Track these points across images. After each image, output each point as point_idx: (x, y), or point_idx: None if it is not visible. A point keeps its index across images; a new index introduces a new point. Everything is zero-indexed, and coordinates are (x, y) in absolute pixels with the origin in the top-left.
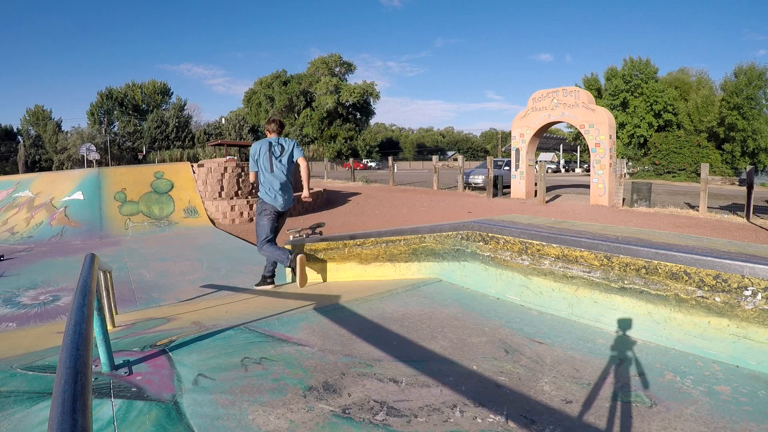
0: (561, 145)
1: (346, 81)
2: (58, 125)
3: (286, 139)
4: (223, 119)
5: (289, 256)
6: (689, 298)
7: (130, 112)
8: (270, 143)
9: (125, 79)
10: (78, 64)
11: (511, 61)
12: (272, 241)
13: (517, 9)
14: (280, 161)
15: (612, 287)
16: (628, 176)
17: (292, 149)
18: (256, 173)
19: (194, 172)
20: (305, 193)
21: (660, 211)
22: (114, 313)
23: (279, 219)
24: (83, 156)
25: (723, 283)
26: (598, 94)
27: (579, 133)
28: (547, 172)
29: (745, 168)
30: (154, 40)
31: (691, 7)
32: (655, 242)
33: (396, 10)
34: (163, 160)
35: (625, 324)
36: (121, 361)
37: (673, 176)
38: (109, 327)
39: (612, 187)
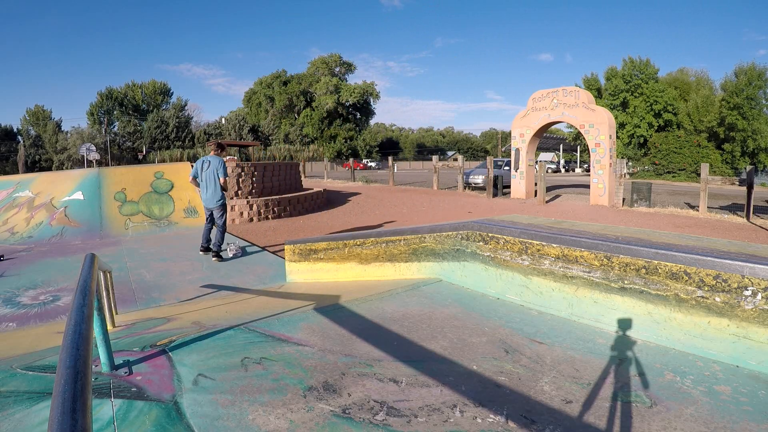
0: (561, 145)
1: (346, 81)
2: (58, 125)
3: (214, 157)
4: (223, 119)
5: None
6: (689, 298)
7: (130, 112)
8: (203, 161)
9: (125, 79)
10: (78, 64)
11: (512, 61)
12: (209, 223)
13: (517, 8)
14: (206, 174)
15: (612, 287)
16: (628, 176)
17: (216, 167)
18: (195, 179)
19: None
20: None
21: (660, 211)
22: (114, 313)
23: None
24: (83, 156)
25: (723, 283)
26: (598, 94)
27: (579, 133)
28: (547, 172)
29: (745, 168)
30: (154, 40)
31: (691, 6)
32: (655, 242)
33: (396, 10)
34: (163, 160)
35: (625, 324)
36: (121, 361)
37: (673, 176)
38: (109, 327)
39: (612, 187)
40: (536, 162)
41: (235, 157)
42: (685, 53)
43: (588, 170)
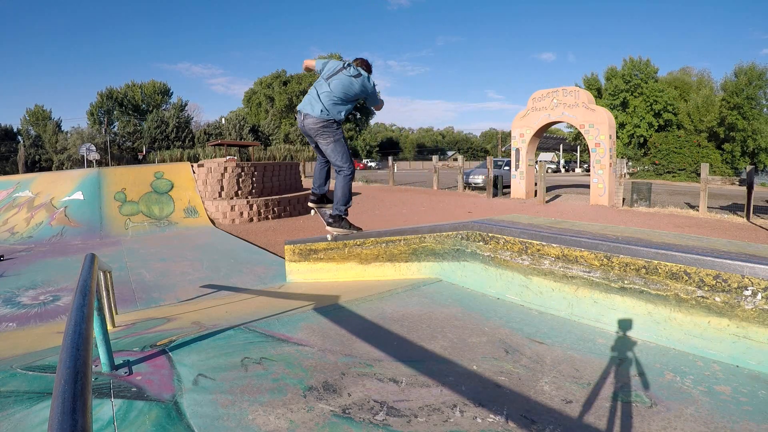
0: (561, 145)
1: None
2: (58, 125)
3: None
4: (223, 119)
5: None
6: (689, 298)
7: (130, 112)
8: (340, 64)
9: (125, 79)
10: (78, 64)
11: (513, 60)
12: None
13: (519, 6)
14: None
15: (612, 287)
16: (628, 176)
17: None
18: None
19: (194, 172)
20: None
21: (660, 211)
22: (114, 313)
23: None
24: (83, 156)
25: (723, 283)
26: (598, 94)
27: (579, 133)
28: (547, 172)
29: (745, 168)
30: (152, 38)
31: (695, 4)
32: (655, 242)
33: (402, 8)
34: (163, 160)
35: (625, 324)
36: (121, 361)
37: (673, 176)
38: (109, 327)
39: (612, 187)
40: (536, 162)
41: (235, 157)
42: (689, 52)
43: (588, 170)
